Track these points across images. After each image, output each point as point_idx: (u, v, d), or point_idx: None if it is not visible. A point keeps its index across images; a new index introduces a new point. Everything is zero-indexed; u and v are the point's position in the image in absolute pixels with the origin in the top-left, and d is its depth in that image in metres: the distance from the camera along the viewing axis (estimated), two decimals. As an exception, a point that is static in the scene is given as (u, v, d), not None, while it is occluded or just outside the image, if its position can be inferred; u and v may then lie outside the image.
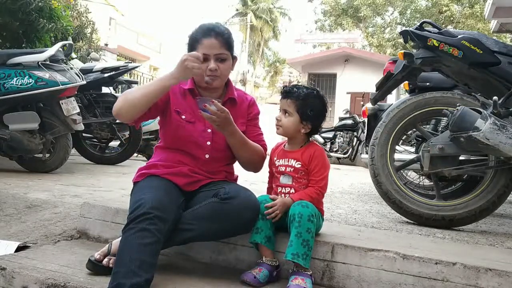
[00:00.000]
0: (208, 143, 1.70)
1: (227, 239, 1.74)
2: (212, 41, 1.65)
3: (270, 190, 1.81)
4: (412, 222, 2.39)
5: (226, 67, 1.69)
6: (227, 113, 1.57)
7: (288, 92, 1.70)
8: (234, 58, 1.75)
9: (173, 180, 1.66)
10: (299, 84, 1.78)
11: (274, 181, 1.77)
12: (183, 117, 1.71)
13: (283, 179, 1.71)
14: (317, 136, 9.57)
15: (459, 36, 2.24)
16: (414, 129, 2.64)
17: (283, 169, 1.72)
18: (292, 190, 1.68)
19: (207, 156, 1.70)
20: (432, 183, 2.80)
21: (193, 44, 1.68)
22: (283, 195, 1.68)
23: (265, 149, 1.83)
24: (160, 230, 1.42)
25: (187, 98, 1.74)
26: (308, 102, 1.66)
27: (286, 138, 1.78)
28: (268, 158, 1.83)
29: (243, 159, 1.76)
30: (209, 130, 1.70)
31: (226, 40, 1.68)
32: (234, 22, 32.45)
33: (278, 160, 1.75)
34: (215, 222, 1.55)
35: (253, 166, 1.79)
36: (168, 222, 1.47)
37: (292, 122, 1.68)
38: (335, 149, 9.65)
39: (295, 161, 1.69)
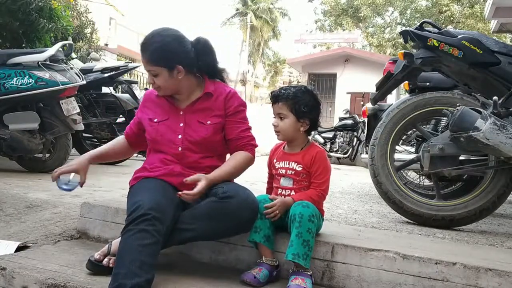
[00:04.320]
0: (180, 136, 1.70)
1: (227, 239, 1.74)
2: (143, 58, 1.68)
3: (269, 190, 1.81)
4: (412, 222, 2.40)
5: (160, 81, 1.68)
6: (201, 190, 1.56)
7: (277, 96, 1.70)
8: (173, 68, 1.66)
9: (168, 180, 1.66)
10: (286, 86, 1.77)
11: (274, 182, 1.77)
12: (155, 120, 1.76)
13: (284, 182, 1.71)
14: (317, 136, 9.58)
15: (459, 36, 2.24)
16: (414, 129, 2.64)
17: (283, 171, 1.71)
18: (293, 193, 1.67)
19: (179, 149, 1.70)
20: (432, 183, 2.80)
21: None
22: (283, 197, 1.68)
23: (253, 145, 1.79)
24: (158, 231, 1.43)
25: (160, 100, 1.80)
26: (299, 99, 1.66)
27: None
28: (267, 158, 1.83)
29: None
30: (181, 124, 1.73)
31: (150, 56, 1.65)
32: (234, 22, 32.47)
33: (278, 163, 1.74)
34: (214, 222, 1.55)
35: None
36: (166, 223, 1.48)
37: (289, 124, 1.68)
38: (335, 149, 9.65)
39: (296, 164, 1.68)
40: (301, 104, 1.66)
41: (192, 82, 1.76)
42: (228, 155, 1.82)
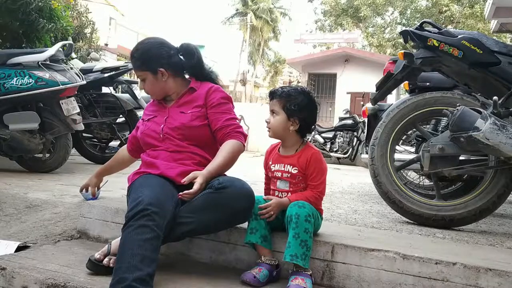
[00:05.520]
0: (162, 125, 1.82)
1: (227, 239, 1.74)
2: (133, 65, 1.86)
3: (268, 191, 1.81)
4: (412, 222, 2.40)
5: (148, 85, 1.85)
6: (199, 187, 1.58)
7: (273, 93, 1.73)
8: (156, 71, 1.82)
9: (166, 174, 1.69)
10: (286, 85, 1.80)
11: (271, 184, 1.76)
12: (146, 119, 1.90)
13: (280, 184, 1.71)
14: (317, 136, 9.57)
15: (459, 36, 2.24)
16: (414, 129, 2.64)
17: (279, 174, 1.71)
18: (289, 195, 1.67)
19: (161, 135, 1.80)
20: (432, 183, 2.80)
21: None
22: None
23: (241, 132, 1.81)
24: (158, 225, 1.44)
25: (154, 105, 1.95)
26: (291, 98, 1.67)
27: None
28: (263, 158, 1.83)
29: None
30: (165, 117, 1.83)
31: (136, 61, 1.84)
32: (234, 22, 32.46)
33: (273, 165, 1.74)
34: (211, 213, 1.56)
35: None
36: (166, 217, 1.49)
37: (280, 121, 1.68)
38: (335, 149, 9.64)
39: (291, 166, 1.68)
40: (293, 102, 1.66)
41: (179, 84, 1.89)
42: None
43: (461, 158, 2.35)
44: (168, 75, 1.84)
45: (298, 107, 1.66)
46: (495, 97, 2.08)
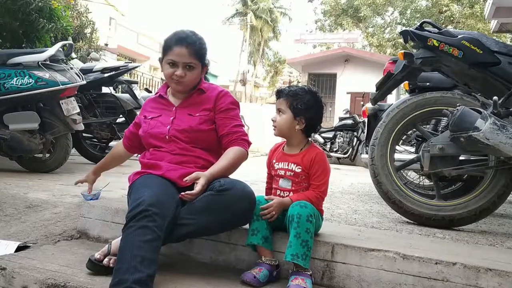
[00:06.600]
0: (168, 127, 1.80)
1: (227, 239, 1.74)
2: (183, 50, 1.76)
3: (269, 190, 1.81)
4: (412, 222, 2.40)
5: (193, 75, 1.80)
6: (201, 189, 1.59)
7: (280, 92, 1.74)
8: (204, 66, 1.85)
9: (167, 176, 1.68)
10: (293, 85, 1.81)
11: (273, 183, 1.76)
12: (149, 117, 1.88)
13: (282, 183, 1.71)
14: (317, 136, 9.57)
15: (459, 36, 2.24)
16: (414, 129, 2.64)
17: (282, 172, 1.71)
18: (291, 194, 1.67)
19: (167, 137, 1.79)
20: (432, 183, 2.80)
21: (166, 49, 1.80)
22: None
23: (246, 140, 1.83)
24: (159, 226, 1.44)
25: (157, 101, 1.93)
26: (298, 97, 1.68)
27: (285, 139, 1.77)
28: (266, 158, 1.83)
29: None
30: (171, 118, 1.82)
31: (196, 50, 1.78)
32: (234, 22, 32.47)
33: (277, 163, 1.74)
34: (212, 215, 1.56)
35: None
36: (167, 219, 1.49)
37: (285, 120, 1.69)
38: (335, 149, 9.65)
39: (295, 165, 1.68)
40: (299, 102, 1.67)
41: (197, 84, 1.89)
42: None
43: (461, 158, 2.35)
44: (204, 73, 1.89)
45: (305, 106, 1.67)
46: (495, 97, 2.08)
